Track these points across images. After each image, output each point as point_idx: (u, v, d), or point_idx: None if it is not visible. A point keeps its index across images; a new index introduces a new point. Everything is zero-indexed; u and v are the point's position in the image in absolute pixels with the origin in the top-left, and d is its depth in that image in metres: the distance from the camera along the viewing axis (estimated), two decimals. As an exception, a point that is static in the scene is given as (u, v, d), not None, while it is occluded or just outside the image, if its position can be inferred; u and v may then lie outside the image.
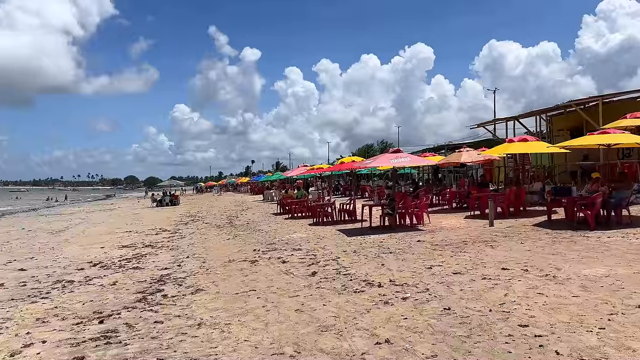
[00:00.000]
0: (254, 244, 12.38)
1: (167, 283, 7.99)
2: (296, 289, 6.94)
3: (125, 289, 7.75)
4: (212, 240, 13.91)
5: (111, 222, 23.41)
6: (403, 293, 6.34)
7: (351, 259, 9.00)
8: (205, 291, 7.23)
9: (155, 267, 9.73)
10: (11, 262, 11.27)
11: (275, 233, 14.40)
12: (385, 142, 68.93)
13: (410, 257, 8.82)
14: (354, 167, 16.33)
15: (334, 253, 9.83)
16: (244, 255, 10.44)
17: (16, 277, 9.28)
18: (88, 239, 15.86)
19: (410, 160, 13.19)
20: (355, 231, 13.18)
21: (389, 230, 12.67)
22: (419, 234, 11.77)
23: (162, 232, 17.07)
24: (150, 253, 11.73)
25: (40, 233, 18.83)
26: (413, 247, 10.00)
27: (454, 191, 17.83)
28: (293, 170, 27.28)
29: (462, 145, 21.91)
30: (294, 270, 8.32)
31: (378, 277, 7.32)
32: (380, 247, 10.16)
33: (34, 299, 7.36)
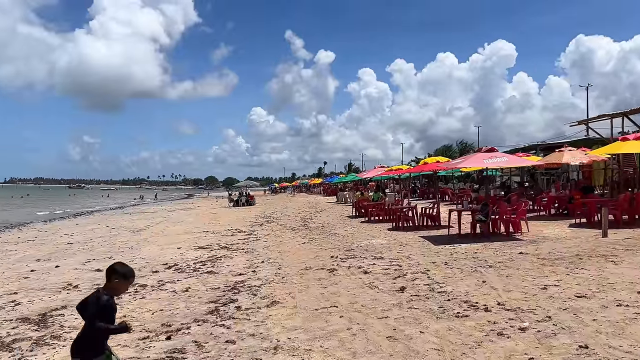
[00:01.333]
0: (330, 249, 11.56)
1: (241, 292, 7.35)
2: (384, 308, 5.98)
3: (198, 297, 7.20)
4: (287, 243, 13.29)
5: (190, 222, 23.68)
6: (519, 321, 5.18)
7: (444, 273, 7.88)
8: (281, 304, 6.47)
9: (230, 272, 9.18)
10: (90, 262, 11.27)
11: (352, 238, 13.51)
12: (465, 142, 65.79)
13: (515, 274, 7.55)
14: (439, 167, 15.07)
15: (421, 264, 8.75)
16: (321, 262, 9.64)
17: (91, 279, 9.10)
18: (166, 239, 15.87)
19: (507, 161, 11.76)
20: (442, 239, 11.96)
21: (481, 239, 11.33)
22: (519, 245, 10.35)
23: (237, 233, 16.77)
24: (226, 256, 11.28)
25: (122, 231, 19.28)
26: (516, 260, 8.67)
27: (553, 196, 15.96)
28: (369, 171, 26.26)
29: (561, 144, 19.77)
30: (378, 284, 7.36)
31: (482, 298, 6.18)
32: (476, 259, 8.93)
33: (105, 304, 6.96)
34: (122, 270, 3.28)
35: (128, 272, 3.30)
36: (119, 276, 3.24)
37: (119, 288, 3.28)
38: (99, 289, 3.29)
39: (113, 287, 3.25)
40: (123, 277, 3.25)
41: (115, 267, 3.29)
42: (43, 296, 7.79)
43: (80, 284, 8.68)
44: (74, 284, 8.71)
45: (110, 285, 3.24)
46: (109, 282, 3.24)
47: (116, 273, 3.24)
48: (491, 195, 19.53)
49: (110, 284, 3.24)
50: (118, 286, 3.26)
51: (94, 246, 14.49)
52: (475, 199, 15.36)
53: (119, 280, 3.23)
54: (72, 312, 6.60)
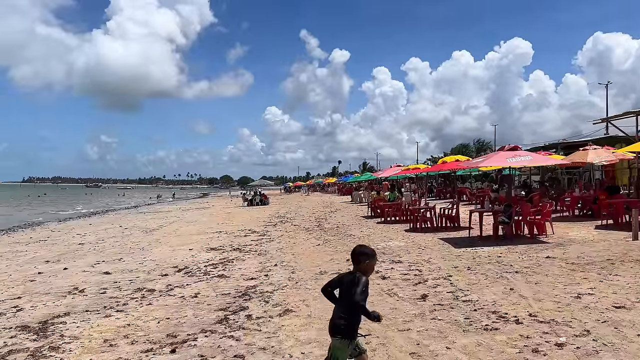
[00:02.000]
0: (346, 251, 11.12)
1: (252, 298, 6.96)
2: (405, 319, 5.54)
3: (207, 303, 6.83)
4: (300, 245, 12.88)
5: (204, 222, 23.44)
6: (554, 335, 4.71)
7: (467, 279, 7.41)
8: (294, 313, 6.07)
9: (241, 275, 8.81)
10: (99, 264, 11.00)
11: (368, 240, 13.06)
12: (482, 141, 64.77)
13: (544, 280, 7.04)
14: (459, 167, 14.53)
15: (443, 269, 8.28)
16: (337, 266, 9.21)
17: (99, 282, 8.80)
18: (178, 239, 15.59)
19: (531, 160, 11.18)
20: (462, 241, 11.46)
21: (504, 242, 10.81)
22: (545, 248, 9.82)
23: (251, 233, 16.43)
24: (238, 258, 10.92)
25: (134, 231, 19.08)
26: (543, 265, 8.16)
27: (576, 196, 15.32)
28: (385, 170, 25.75)
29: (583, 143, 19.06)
30: (397, 291, 6.92)
31: (511, 308, 5.71)
32: (500, 264, 8.43)
33: (109, 311, 6.64)
34: (367, 250, 3.43)
35: (372, 251, 3.45)
36: (368, 257, 3.38)
37: (371, 267, 3.41)
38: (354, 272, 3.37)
39: (365, 268, 3.36)
40: (371, 256, 3.40)
41: (362, 250, 3.42)
42: (47, 301, 7.49)
43: (86, 287, 8.38)
44: (81, 287, 8.41)
45: (361, 267, 3.36)
46: (359, 265, 3.37)
47: (364, 254, 3.38)
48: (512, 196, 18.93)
49: (361, 266, 3.37)
50: (370, 266, 3.39)
51: (104, 247, 14.26)
52: (494, 199, 14.77)
53: (369, 260, 3.38)
54: (74, 320, 6.30)
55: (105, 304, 7.08)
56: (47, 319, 6.44)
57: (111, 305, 7.01)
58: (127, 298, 7.42)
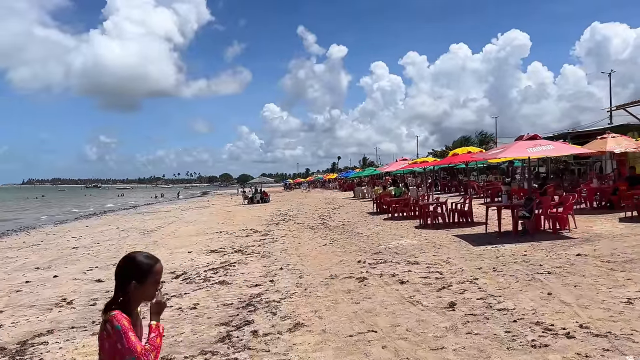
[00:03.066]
0: (355, 252, 10.40)
1: (257, 309, 6.23)
2: (436, 333, 4.80)
3: (207, 316, 6.10)
4: (306, 245, 12.14)
5: (203, 221, 22.70)
6: (618, 353, 3.98)
7: (496, 282, 6.67)
8: (306, 327, 5.33)
9: (245, 282, 8.07)
10: (92, 270, 10.28)
11: (377, 238, 12.31)
12: (484, 133, 63.90)
13: (583, 282, 6.31)
14: (473, 158, 13.78)
15: (466, 271, 7.54)
16: (348, 269, 8.48)
17: (89, 292, 8.07)
18: (177, 241, 14.86)
19: (554, 149, 10.42)
20: (480, 238, 10.71)
21: (525, 238, 10.06)
22: (572, 244, 9.08)
23: (252, 233, 15.68)
24: (240, 261, 10.18)
25: (132, 233, 18.35)
26: (576, 264, 7.42)
27: (594, 187, 14.59)
28: (391, 164, 25.01)
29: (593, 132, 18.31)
30: (420, 298, 6.18)
31: (556, 318, 4.97)
32: (528, 264, 7.69)
33: (98, 327, 5.89)
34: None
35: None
36: None
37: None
38: None
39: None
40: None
41: None
42: (30, 316, 6.76)
43: (75, 298, 7.65)
44: (69, 298, 7.68)
45: None
46: None
47: None
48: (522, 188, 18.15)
49: None
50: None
51: (99, 251, 13.53)
52: (506, 193, 14.02)
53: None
54: (57, 339, 5.57)
55: (94, 318, 6.35)
56: (28, 338, 5.72)
57: (100, 319, 6.27)
58: (119, 311, 6.68)
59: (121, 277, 2.11)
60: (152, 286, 2.12)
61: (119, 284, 2.11)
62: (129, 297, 2.07)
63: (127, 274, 2.09)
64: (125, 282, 2.08)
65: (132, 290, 2.06)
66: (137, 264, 2.10)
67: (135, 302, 2.10)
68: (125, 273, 2.10)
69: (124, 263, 2.14)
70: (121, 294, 2.08)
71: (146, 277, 2.08)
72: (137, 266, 2.10)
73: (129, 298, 2.07)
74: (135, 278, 2.07)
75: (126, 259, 2.16)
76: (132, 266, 2.11)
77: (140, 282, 2.06)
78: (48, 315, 6.74)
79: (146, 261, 2.12)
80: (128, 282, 2.06)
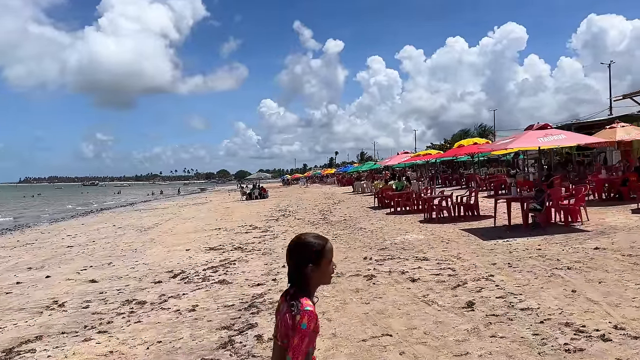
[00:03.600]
0: (360, 248, 10.01)
1: (260, 311, 5.84)
2: (457, 337, 4.41)
3: (207, 319, 5.70)
4: (308, 241, 11.72)
5: (201, 218, 22.27)
6: (664, 359, 3.59)
7: (514, 279, 6.28)
8: (315, 331, 4.92)
9: (246, 281, 7.67)
10: (86, 270, 9.86)
11: (382, 233, 11.92)
12: (484, 125, 63.46)
13: (608, 278, 5.93)
14: (479, 150, 13.38)
15: (479, 267, 7.15)
16: (354, 266, 8.09)
17: (82, 293, 7.66)
18: (174, 238, 14.45)
19: (565, 139, 10.03)
20: (489, 232, 10.32)
21: (537, 232, 9.68)
22: (587, 237, 8.70)
23: (252, 229, 15.27)
24: (240, 259, 9.78)
25: (128, 231, 17.92)
26: (596, 258, 7.04)
27: (603, 178, 14.22)
28: (392, 158, 24.58)
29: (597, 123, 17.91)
30: (435, 297, 5.78)
31: (586, 318, 4.59)
32: (545, 258, 7.31)
33: (90, 332, 5.51)
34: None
35: None
36: None
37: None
38: None
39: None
40: None
41: None
42: (19, 320, 6.35)
43: (67, 301, 7.24)
44: (61, 301, 7.27)
45: None
46: None
47: None
48: (527, 180, 17.80)
49: None
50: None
51: (94, 249, 13.10)
52: (511, 185, 13.65)
53: None
54: (46, 346, 5.17)
55: (86, 323, 5.95)
56: (14, 345, 5.31)
57: (93, 324, 5.88)
58: (113, 314, 6.28)
59: (295, 261, 2.01)
60: (327, 267, 2.03)
61: (294, 269, 2.02)
62: (307, 281, 1.99)
63: (302, 258, 2.00)
64: (300, 266, 1.99)
65: (309, 273, 1.98)
66: (310, 246, 2.01)
67: (314, 285, 2.02)
68: (299, 257, 2.01)
69: (295, 247, 2.04)
70: (297, 278, 2.00)
71: (320, 258, 2.00)
72: (310, 248, 2.01)
73: (307, 282, 1.99)
74: (310, 261, 1.98)
75: (297, 242, 2.06)
76: (305, 249, 2.01)
77: (315, 264, 1.99)
78: (38, 320, 6.33)
79: (317, 242, 2.03)
80: (304, 266, 1.98)
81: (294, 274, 2.00)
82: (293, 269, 2.01)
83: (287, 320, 1.91)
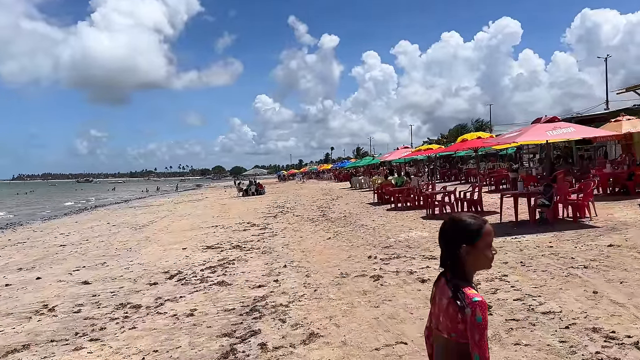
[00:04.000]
0: (363, 245, 9.69)
1: (263, 315, 5.50)
2: (477, 344, 4.08)
3: (206, 325, 5.35)
4: (309, 239, 11.41)
5: (198, 215, 21.88)
6: None
7: (529, 279, 5.97)
8: (323, 338, 4.60)
9: (246, 282, 7.33)
10: (79, 270, 9.49)
11: (384, 230, 11.60)
12: (481, 120, 63.32)
13: (629, 277, 5.62)
14: (484, 144, 13.08)
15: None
16: (358, 265, 7.77)
17: (74, 296, 7.30)
18: (170, 236, 14.08)
19: (575, 132, 9.74)
20: (496, 229, 9.79)
21: (545, 228, 9.39)
22: (599, 234, 8.41)
23: (250, 227, 14.92)
24: (239, 258, 9.44)
25: (123, 228, 17.51)
26: (612, 256, 6.74)
27: (607, 172, 13.96)
28: (392, 153, 24.25)
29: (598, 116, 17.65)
30: (448, 298, 5.45)
31: (615, 322, 4.28)
32: (558, 257, 7.01)
33: (81, 340, 5.16)
34: None
35: None
36: None
37: None
38: None
39: None
40: None
41: None
42: (6, 327, 5.99)
43: (58, 304, 6.88)
44: (51, 304, 6.91)
45: None
46: None
47: None
48: (530, 174, 17.52)
49: None
50: None
51: (88, 248, 12.72)
52: (521, 180, 13.36)
53: None
54: (33, 355, 4.81)
55: (77, 329, 5.60)
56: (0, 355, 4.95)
57: (85, 330, 5.52)
58: (106, 319, 5.93)
59: (448, 241, 1.90)
60: (486, 250, 1.87)
61: (448, 250, 1.90)
62: (462, 264, 1.85)
63: (455, 238, 1.87)
64: (453, 247, 1.87)
65: (463, 255, 1.84)
66: (465, 225, 1.88)
67: (470, 269, 1.87)
68: (452, 237, 1.88)
69: (449, 226, 1.92)
70: (451, 261, 1.88)
71: (476, 239, 1.85)
72: (465, 228, 1.87)
73: (462, 265, 1.85)
74: (464, 241, 1.84)
75: (452, 221, 1.94)
76: (459, 228, 1.88)
77: (471, 245, 1.84)
78: (26, 326, 5.96)
79: (474, 221, 1.90)
80: (457, 247, 1.85)
81: (446, 256, 1.88)
82: (445, 250, 1.89)
83: (451, 313, 1.79)
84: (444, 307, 1.82)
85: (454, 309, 1.77)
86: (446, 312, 1.80)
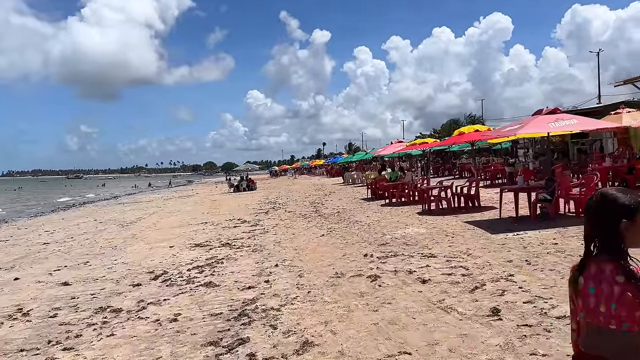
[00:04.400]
0: (359, 243, 9.30)
1: (253, 321, 5.08)
2: (489, 355, 3.70)
3: (191, 332, 4.92)
4: (301, 236, 11.00)
5: (187, 211, 21.40)
6: None
7: (537, 279, 5.60)
8: (318, 347, 4.19)
9: (235, 282, 6.91)
10: (60, 270, 9.02)
11: (380, 226, 11.21)
12: (473, 115, 63.14)
13: None
14: (483, 137, 12.72)
15: (494, 265, 6.46)
16: (354, 264, 7.37)
17: (52, 298, 6.84)
18: (158, 234, 13.61)
19: (578, 124, 9.39)
20: (495, 225, 9.67)
21: (547, 224, 9.05)
22: (605, 230, 8.07)
23: (241, 223, 14.47)
24: (228, 257, 9.01)
25: (110, 225, 17.00)
26: (622, 254, 6.39)
27: (607, 166, 13.68)
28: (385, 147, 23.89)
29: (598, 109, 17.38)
30: (452, 302, 5.07)
31: (637, 329, 3.90)
32: (565, 254, 6.65)
33: (53, 350, 4.71)
34: None
35: None
36: None
37: None
38: None
39: None
40: None
41: None
42: (-27, 334, 5.53)
43: (34, 308, 6.42)
44: (27, 308, 6.45)
45: None
46: None
47: None
48: (527, 169, 17.23)
49: None
50: None
51: (71, 247, 12.22)
52: (518, 174, 13.04)
53: None
54: (-1, 369, 4.36)
55: (50, 337, 5.15)
56: (-38, 367, 4.50)
57: (58, 338, 5.08)
58: (83, 324, 5.48)
59: (608, 218, 1.74)
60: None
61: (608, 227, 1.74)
62: (621, 239, 1.73)
63: (614, 213, 1.74)
64: (611, 222, 1.74)
65: (623, 230, 1.72)
66: (620, 199, 1.76)
67: (630, 245, 1.75)
68: (611, 212, 1.74)
69: (603, 201, 1.78)
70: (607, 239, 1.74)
71: (635, 214, 1.74)
72: (624, 202, 1.75)
73: (621, 241, 1.73)
74: (624, 216, 1.73)
75: (604, 196, 1.80)
76: (618, 203, 1.76)
77: (630, 219, 1.73)
78: (-4, 333, 5.51)
79: (630, 196, 1.78)
80: (617, 222, 1.73)
81: (603, 233, 1.73)
82: (604, 228, 1.73)
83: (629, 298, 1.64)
84: (619, 295, 1.66)
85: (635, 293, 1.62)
86: (623, 300, 1.65)
